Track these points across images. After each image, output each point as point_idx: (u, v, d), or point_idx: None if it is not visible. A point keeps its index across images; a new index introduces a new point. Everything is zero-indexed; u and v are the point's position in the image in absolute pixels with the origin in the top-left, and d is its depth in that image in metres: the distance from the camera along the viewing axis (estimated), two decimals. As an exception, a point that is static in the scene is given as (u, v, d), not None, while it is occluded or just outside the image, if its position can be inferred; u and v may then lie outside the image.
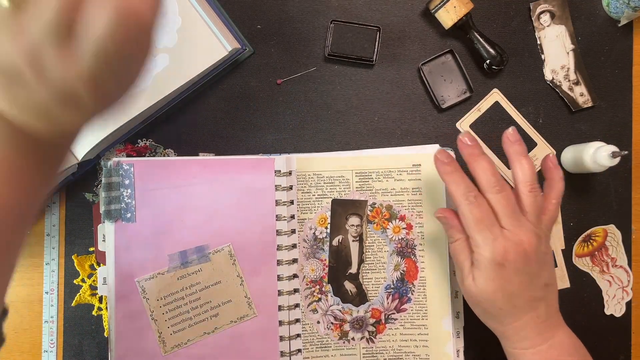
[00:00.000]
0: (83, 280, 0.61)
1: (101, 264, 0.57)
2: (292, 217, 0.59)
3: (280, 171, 0.58)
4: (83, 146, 0.55)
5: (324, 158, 0.60)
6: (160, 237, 0.56)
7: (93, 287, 0.61)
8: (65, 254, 0.61)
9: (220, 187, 0.57)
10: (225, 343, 0.56)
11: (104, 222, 0.56)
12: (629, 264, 0.63)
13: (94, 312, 0.61)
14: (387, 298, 0.59)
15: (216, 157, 0.60)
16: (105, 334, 0.60)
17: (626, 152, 0.55)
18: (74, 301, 0.61)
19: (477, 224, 0.48)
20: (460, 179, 0.50)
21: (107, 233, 0.55)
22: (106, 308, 0.60)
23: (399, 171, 0.60)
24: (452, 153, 0.61)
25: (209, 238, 0.57)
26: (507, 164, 0.62)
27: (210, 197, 0.57)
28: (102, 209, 0.55)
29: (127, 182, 0.56)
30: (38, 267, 0.61)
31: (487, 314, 0.51)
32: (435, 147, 0.60)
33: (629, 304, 0.62)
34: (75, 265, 0.61)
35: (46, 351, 0.61)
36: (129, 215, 0.56)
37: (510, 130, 0.52)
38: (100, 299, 0.61)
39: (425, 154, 0.59)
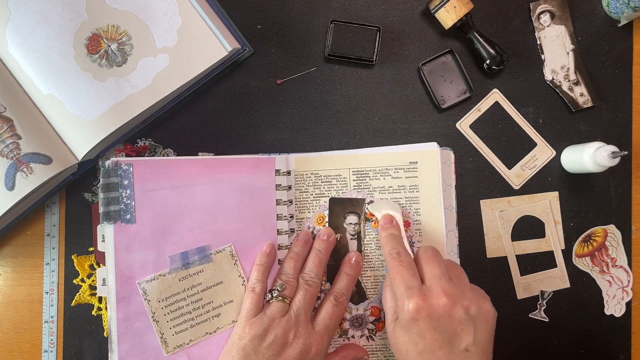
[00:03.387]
0: (82, 280, 0.61)
1: (101, 265, 0.57)
2: (292, 216, 0.59)
3: (280, 170, 0.58)
4: (83, 146, 0.55)
5: (321, 157, 0.60)
6: (161, 238, 0.56)
7: (92, 287, 0.61)
8: (65, 254, 0.61)
9: (221, 186, 0.57)
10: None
11: (103, 224, 0.55)
12: (629, 264, 0.63)
13: (93, 312, 0.61)
14: (387, 298, 0.60)
15: (216, 156, 0.60)
16: (105, 334, 0.60)
17: (626, 152, 0.55)
18: (73, 301, 0.61)
19: (396, 278, 0.51)
20: (390, 239, 0.55)
21: (106, 234, 0.55)
22: (106, 308, 0.60)
23: (395, 169, 0.60)
24: (452, 153, 0.61)
25: (210, 238, 0.57)
26: (508, 165, 0.62)
27: (210, 197, 0.57)
28: (101, 210, 0.55)
29: (126, 182, 0.56)
30: (38, 267, 0.61)
31: None
32: (432, 145, 0.60)
33: (629, 304, 0.62)
34: (75, 265, 0.61)
35: (46, 351, 0.61)
36: (128, 216, 0.55)
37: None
38: (100, 299, 0.61)
39: (421, 152, 0.60)
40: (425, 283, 0.50)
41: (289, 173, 0.59)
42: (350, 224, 0.60)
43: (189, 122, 0.61)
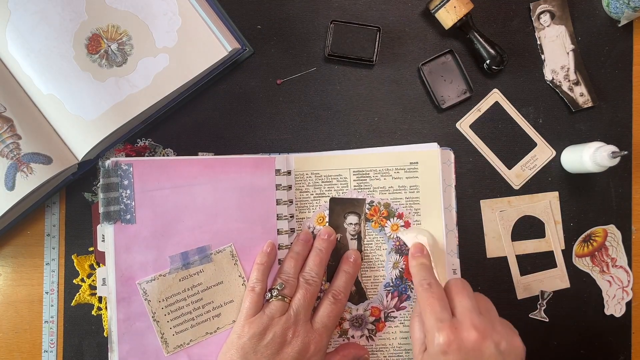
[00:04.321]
0: (82, 280, 0.61)
1: (100, 264, 0.57)
2: (292, 216, 0.59)
3: (280, 170, 0.58)
4: (83, 146, 0.55)
5: (321, 157, 0.60)
6: (161, 238, 0.56)
7: (92, 287, 0.61)
8: (65, 254, 0.61)
9: (221, 186, 0.57)
10: (226, 343, 0.56)
11: (103, 224, 0.55)
12: (629, 264, 0.63)
13: (93, 312, 0.61)
14: (387, 296, 0.59)
15: (216, 156, 0.60)
16: (105, 334, 0.60)
17: (626, 152, 0.55)
18: (73, 301, 0.61)
19: (427, 310, 0.50)
20: (421, 268, 0.55)
21: (106, 235, 0.55)
22: (106, 308, 0.60)
23: (396, 169, 0.60)
24: (452, 153, 0.61)
25: (210, 238, 0.57)
26: (508, 165, 0.62)
27: (211, 197, 0.57)
28: (100, 210, 0.55)
29: (126, 182, 0.55)
30: (38, 267, 0.61)
31: None
32: (432, 146, 0.60)
33: (629, 304, 0.62)
34: (75, 265, 0.61)
35: (46, 351, 0.61)
36: (128, 216, 0.55)
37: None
38: (100, 299, 0.61)
39: (422, 152, 0.60)
40: (456, 316, 0.50)
41: (289, 173, 0.59)
42: (351, 224, 0.60)
43: (189, 122, 0.61)
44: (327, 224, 0.59)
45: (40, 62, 0.55)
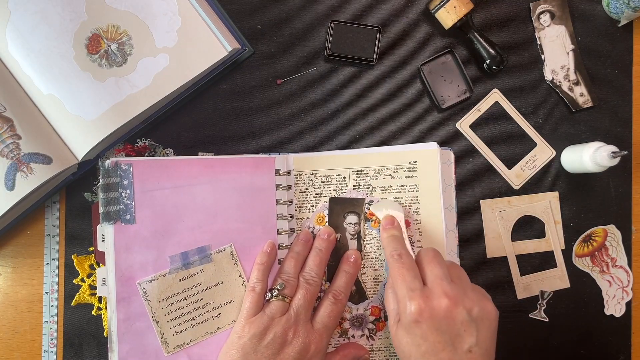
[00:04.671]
0: (82, 280, 0.61)
1: (100, 264, 0.57)
2: (292, 216, 0.59)
3: (280, 170, 0.58)
4: (83, 146, 0.55)
5: (320, 157, 0.60)
6: (161, 238, 0.56)
7: (92, 287, 0.61)
8: (65, 254, 0.61)
9: (221, 186, 0.57)
10: (226, 343, 0.56)
11: (103, 224, 0.55)
12: (629, 264, 0.63)
13: (93, 312, 0.61)
14: (387, 298, 0.59)
15: (216, 156, 0.60)
16: (105, 334, 0.60)
17: (626, 152, 0.55)
18: (73, 301, 0.61)
19: (398, 280, 0.51)
20: (392, 240, 0.55)
21: (106, 235, 0.55)
22: (106, 308, 0.60)
23: (395, 169, 0.60)
24: (451, 153, 0.61)
25: (210, 238, 0.57)
26: (508, 165, 0.62)
27: (211, 197, 0.57)
28: (100, 210, 0.55)
29: (125, 182, 0.55)
30: (38, 267, 0.61)
31: None
32: (431, 145, 0.60)
33: (629, 304, 0.62)
34: (75, 265, 0.61)
35: (46, 351, 0.61)
36: (128, 216, 0.55)
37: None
38: (100, 299, 0.61)
39: (421, 151, 0.59)
40: (427, 285, 0.50)
41: (289, 173, 0.59)
42: (350, 223, 0.60)
43: (189, 122, 0.61)
44: (327, 223, 0.59)
45: (40, 62, 0.55)
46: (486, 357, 0.49)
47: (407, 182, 0.59)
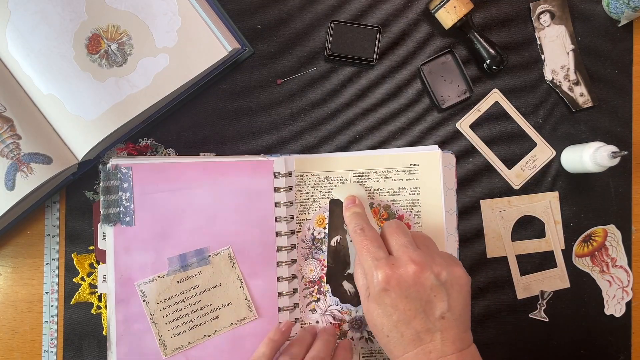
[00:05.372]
0: (82, 279, 0.61)
1: (101, 262, 0.57)
2: (292, 217, 0.59)
3: (279, 173, 0.58)
4: (83, 146, 0.55)
5: (321, 159, 0.60)
6: (160, 240, 0.56)
7: (92, 286, 0.61)
8: (65, 254, 0.61)
9: (219, 189, 0.57)
10: (226, 346, 0.56)
11: (103, 226, 0.56)
12: (629, 264, 0.63)
13: (93, 311, 0.61)
14: (387, 298, 0.59)
15: (214, 159, 0.59)
16: (104, 333, 0.60)
17: (626, 152, 0.55)
18: (73, 299, 0.61)
19: (363, 253, 0.50)
20: (354, 217, 0.55)
21: (106, 236, 0.55)
22: (105, 306, 0.60)
23: (396, 171, 0.60)
24: (453, 157, 0.61)
25: (208, 241, 0.57)
26: (508, 165, 0.62)
27: (209, 200, 0.57)
28: (101, 212, 0.55)
29: (125, 185, 0.56)
30: (38, 267, 0.61)
31: (380, 342, 0.50)
32: (433, 148, 0.60)
33: (629, 304, 0.62)
34: (75, 263, 0.61)
35: (46, 351, 0.61)
36: (127, 218, 0.56)
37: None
38: (100, 298, 0.61)
39: (422, 154, 0.59)
40: (393, 254, 0.50)
41: (289, 174, 0.59)
42: (350, 224, 0.60)
43: (189, 122, 0.61)
44: (327, 225, 0.59)
45: (40, 62, 0.55)
46: (460, 322, 0.48)
47: (408, 184, 0.59)
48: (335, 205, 0.60)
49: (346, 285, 0.59)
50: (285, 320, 0.57)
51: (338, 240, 0.59)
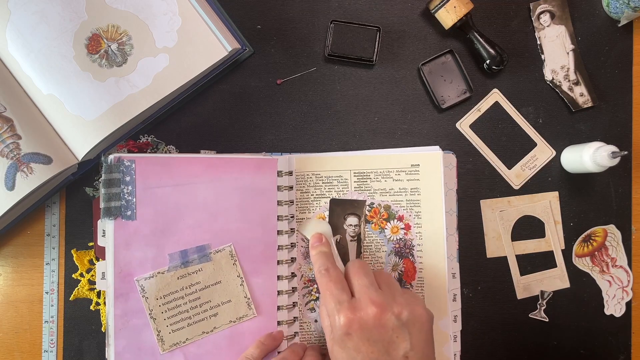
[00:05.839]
0: (82, 275, 0.61)
1: (100, 259, 0.57)
2: (292, 216, 0.59)
3: (282, 171, 0.58)
4: (83, 146, 0.55)
5: (322, 158, 0.60)
6: (161, 236, 0.56)
7: (91, 282, 0.61)
8: (65, 253, 0.61)
9: (222, 186, 0.57)
10: (224, 343, 0.56)
11: (103, 219, 0.55)
12: (629, 264, 0.63)
13: (91, 307, 0.61)
14: (387, 298, 0.59)
15: (219, 155, 0.59)
16: (103, 329, 0.60)
17: (626, 152, 0.55)
18: (72, 295, 0.61)
19: (326, 295, 0.51)
20: (320, 256, 0.55)
21: (106, 230, 0.55)
22: (104, 303, 0.60)
23: (397, 171, 0.60)
24: (454, 157, 0.61)
25: (210, 238, 0.57)
26: (508, 165, 0.62)
27: (212, 196, 0.57)
28: (101, 205, 0.55)
29: (128, 179, 0.55)
30: (38, 267, 0.61)
31: None
32: (435, 149, 0.60)
33: (629, 304, 0.62)
34: (74, 259, 0.61)
35: (46, 351, 0.61)
36: (129, 212, 0.55)
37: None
38: (99, 294, 0.61)
39: (424, 154, 0.59)
40: (355, 295, 0.50)
41: (290, 173, 0.59)
42: (351, 225, 0.60)
43: (189, 122, 0.61)
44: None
45: (40, 62, 0.55)
46: (426, 358, 0.48)
47: (409, 185, 0.59)
48: (336, 205, 0.60)
49: (346, 285, 0.59)
50: (279, 329, 0.57)
51: (338, 240, 0.59)
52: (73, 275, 0.61)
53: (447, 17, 0.59)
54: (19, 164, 0.53)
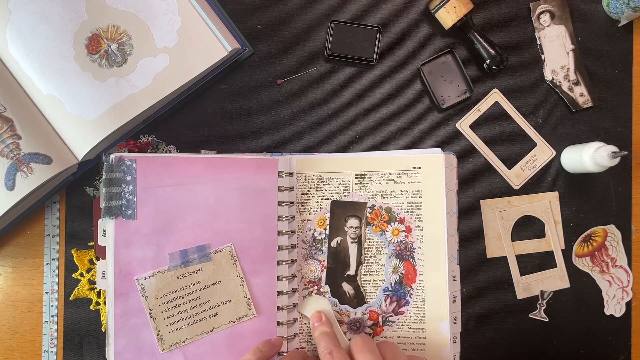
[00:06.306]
0: (82, 275, 0.61)
1: (100, 259, 0.57)
2: (293, 217, 0.59)
3: (283, 172, 0.58)
4: (83, 146, 0.55)
5: (323, 159, 0.60)
6: (161, 235, 0.56)
7: (92, 282, 0.61)
8: (65, 253, 0.61)
9: (223, 186, 0.57)
10: (224, 343, 0.56)
11: (104, 218, 0.55)
12: (629, 264, 0.63)
13: (91, 307, 0.61)
14: (385, 300, 0.59)
15: (220, 155, 0.59)
16: (103, 329, 0.60)
17: (626, 152, 0.55)
18: (72, 295, 0.61)
19: None
20: (323, 337, 0.54)
21: (107, 229, 0.55)
22: (104, 302, 0.60)
23: (399, 174, 0.59)
24: (454, 158, 0.61)
25: (210, 237, 0.57)
26: (508, 165, 0.62)
27: (212, 196, 0.57)
28: (102, 204, 0.55)
29: (128, 178, 0.55)
30: (38, 267, 0.61)
31: None
32: (436, 151, 0.60)
33: (629, 304, 0.62)
34: (75, 259, 0.61)
35: (46, 351, 0.61)
36: (129, 212, 0.55)
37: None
38: (99, 294, 0.61)
39: (425, 157, 0.59)
40: None
41: (291, 174, 0.59)
42: (351, 227, 0.60)
43: (189, 122, 0.61)
44: (328, 226, 0.59)
45: (40, 62, 0.55)
46: None
47: (410, 187, 0.59)
48: (337, 207, 0.60)
49: (345, 286, 0.59)
50: (278, 336, 0.57)
51: (338, 242, 0.59)
52: (73, 275, 0.61)
53: (447, 17, 0.59)
54: (19, 164, 0.53)
